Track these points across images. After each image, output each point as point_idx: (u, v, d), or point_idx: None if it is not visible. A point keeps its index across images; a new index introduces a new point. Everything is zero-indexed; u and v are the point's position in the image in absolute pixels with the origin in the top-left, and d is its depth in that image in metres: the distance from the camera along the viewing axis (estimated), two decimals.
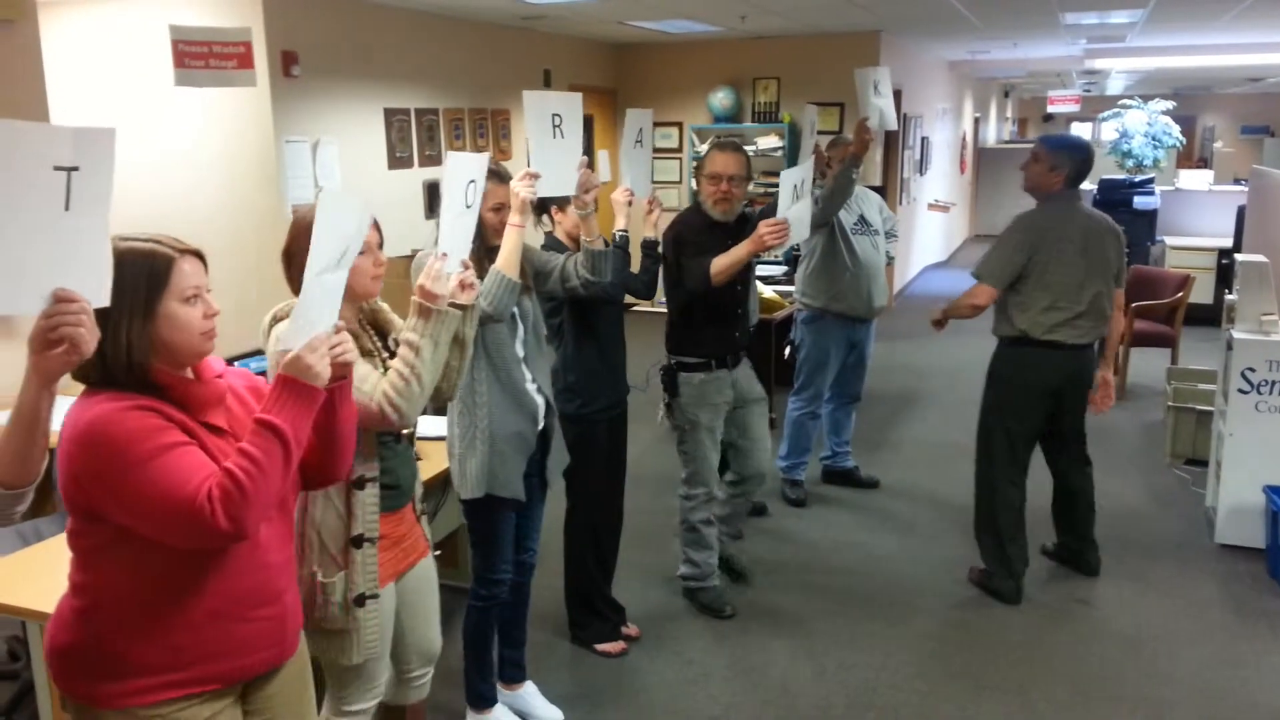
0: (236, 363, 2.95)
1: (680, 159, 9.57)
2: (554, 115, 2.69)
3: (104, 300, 1.47)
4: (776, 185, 3.59)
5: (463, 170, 2.22)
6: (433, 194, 6.76)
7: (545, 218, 3.26)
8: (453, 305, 2.22)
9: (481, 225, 2.58)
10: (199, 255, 1.71)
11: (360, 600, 2.22)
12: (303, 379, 1.66)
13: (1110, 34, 9.09)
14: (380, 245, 2.22)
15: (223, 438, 1.70)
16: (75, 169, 1.39)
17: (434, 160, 6.99)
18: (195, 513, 1.54)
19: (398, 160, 6.70)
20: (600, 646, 3.58)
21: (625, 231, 3.21)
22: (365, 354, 2.20)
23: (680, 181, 9.45)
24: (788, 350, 5.32)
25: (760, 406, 3.81)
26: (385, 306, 2.36)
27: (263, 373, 2.60)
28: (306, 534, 2.20)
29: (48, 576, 2.09)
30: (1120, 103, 12.32)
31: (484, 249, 2.67)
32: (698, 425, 3.65)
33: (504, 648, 3.18)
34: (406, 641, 2.48)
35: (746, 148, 9.18)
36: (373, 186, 6.36)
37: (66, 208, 1.39)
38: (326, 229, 1.67)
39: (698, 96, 9.37)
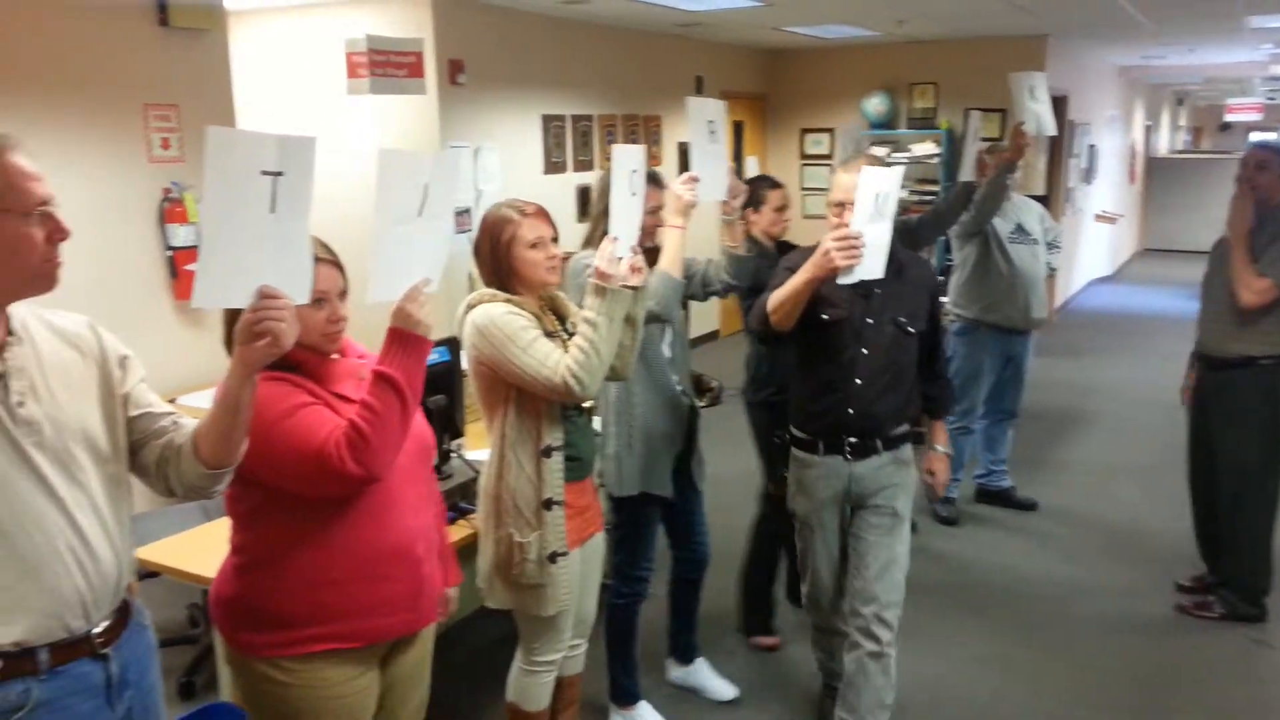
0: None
1: (831, 165, 9.42)
2: (709, 121, 2.75)
3: (304, 298, 1.56)
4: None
5: (627, 161, 2.34)
6: (584, 198, 6.87)
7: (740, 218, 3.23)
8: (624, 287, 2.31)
9: None
10: (337, 265, 1.85)
11: (553, 557, 2.39)
12: (407, 329, 1.76)
13: None
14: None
15: (350, 405, 1.81)
16: (280, 174, 1.48)
17: (587, 165, 7.11)
18: (325, 460, 1.69)
19: (553, 165, 6.85)
20: (760, 639, 3.66)
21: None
22: (548, 334, 2.34)
23: (830, 189, 9.29)
24: None
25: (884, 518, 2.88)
26: (562, 295, 2.52)
27: (445, 361, 2.73)
28: (502, 498, 2.38)
29: (223, 547, 2.24)
30: None
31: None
32: (804, 520, 2.89)
33: (677, 630, 3.33)
34: (569, 612, 2.59)
35: (900, 155, 8.92)
36: (528, 190, 6.52)
37: (272, 210, 1.49)
38: (390, 185, 1.70)
39: (850, 102, 9.21)
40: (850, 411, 2.70)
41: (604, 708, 3.15)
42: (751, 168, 3.04)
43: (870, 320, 2.70)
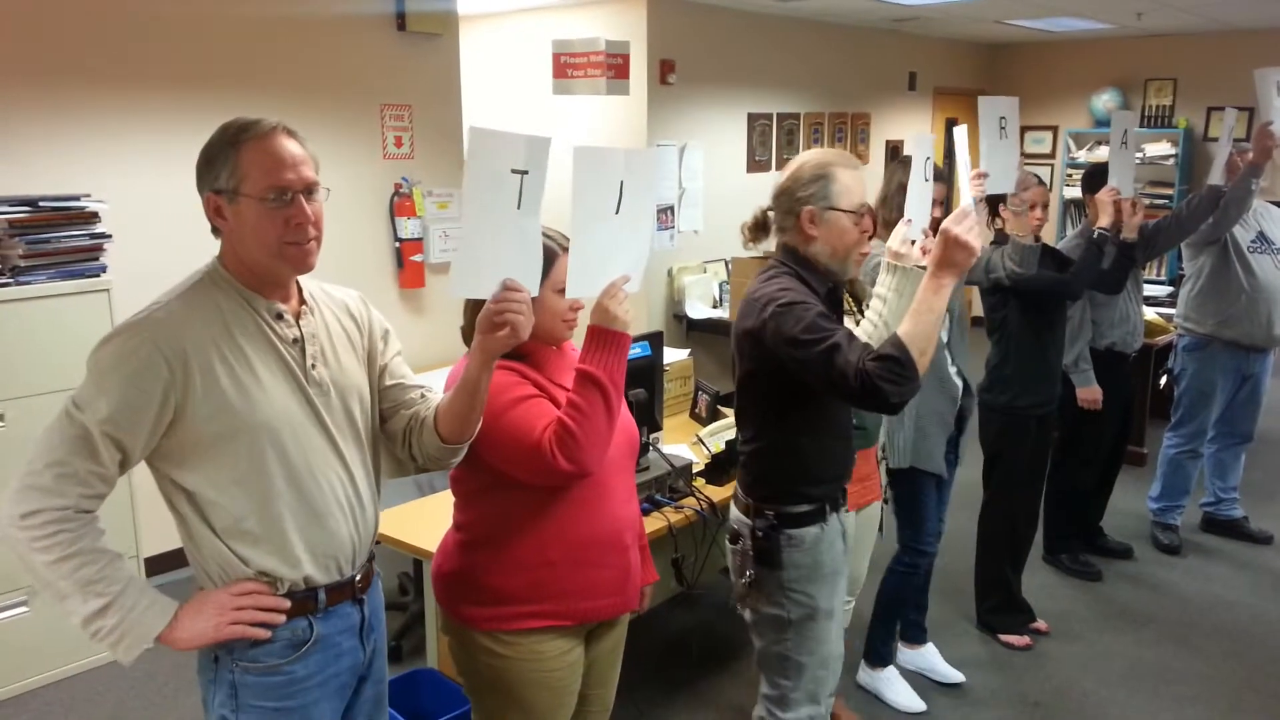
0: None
1: (1053, 165, 8.96)
2: (1001, 117, 2.90)
3: (535, 290, 1.63)
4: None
5: (923, 148, 2.41)
6: None
7: (995, 215, 3.43)
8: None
9: None
10: None
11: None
12: (607, 326, 1.80)
13: None
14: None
15: None
16: (526, 172, 1.56)
17: None
18: (539, 454, 1.77)
19: (756, 164, 6.85)
20: (1005, 637, 3.63)
21: (1106, 230, 3.40)
22: (846, 314, 2.46)
23: (1051, 189, 8.82)
24: (1164, 379, 4.83)
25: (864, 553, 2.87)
26: (861, 279, 2.66)
27: (646, 356, 2.82)
28: None
29: (436, 521, 2.39)
30: None
31: None
32: (815, 613, 2.27)
33: (908, 610, 3.38)
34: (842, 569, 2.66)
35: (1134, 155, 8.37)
36: (731, 188, 6.55)
37: (518, 206, 1.57)
38: (586, 181, 1.69)
39: (1076, 98, 8.72)
40: (852, 457, 2.41)
41: (852, 664, 3.29)
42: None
43: None
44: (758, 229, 2.28)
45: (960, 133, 2.46)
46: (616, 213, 1.75)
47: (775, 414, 2.21)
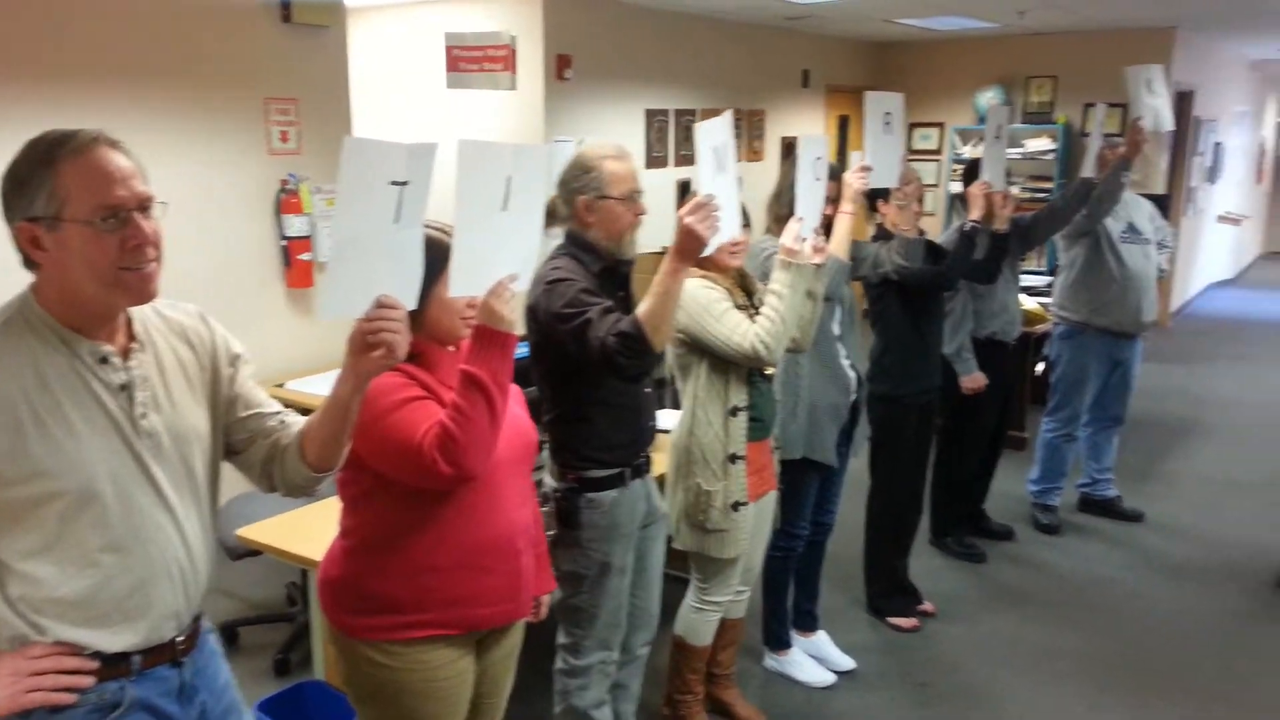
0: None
1: (939, 161, 9.23)
2: (886, 113, 3.01)
3: (414, 304, 1.54)
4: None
5: (811, 149, 2.61)
6: (684, 191, 6.89)
7: (874, 210, 3.55)
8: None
9: None
10: None
11: (735, 506, 2.68)
12: (493, 326, 1.74)
13: None
14: None
15: None
16: (406, 183, 1.48)
17: (688, 160, 7.12)
18: (420, 457, 1.73)
19: (654, 159, 6.89)
20: (894, 620, 3.74)
21: (977, 222, 3.52)
22: (739, 308, 2.61)
23: (938, 184, 9.10)
24: (1040, 367, 5.03)
25: (661, 526, 2.73)
26: (749, 272, 2.78)
27: (521, 358, 2.81)
28: (692, 451, 2.67)
29: (325, 529, 2.33)
30: None
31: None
32: (609, 569, 2.48)
33: (800, 599, 3.48)
34: (741, 558, 2.81)
35: (1013, 150, 8.71)
36: None
37: (396, 219, 1.48)
38: (470, 177, 1.65)
39: (962, 96, 8.99)
40: (649, 425, 2.56)
41: (758, 652, 3.45)
42: (855, 163, 3.11)
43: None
44: (547, 217, 2.35)
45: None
46: (504, 209, 1.70)
47: (564, 384, 2.42)
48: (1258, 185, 13.24)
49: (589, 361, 2.23)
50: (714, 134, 2.26)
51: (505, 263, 1.74)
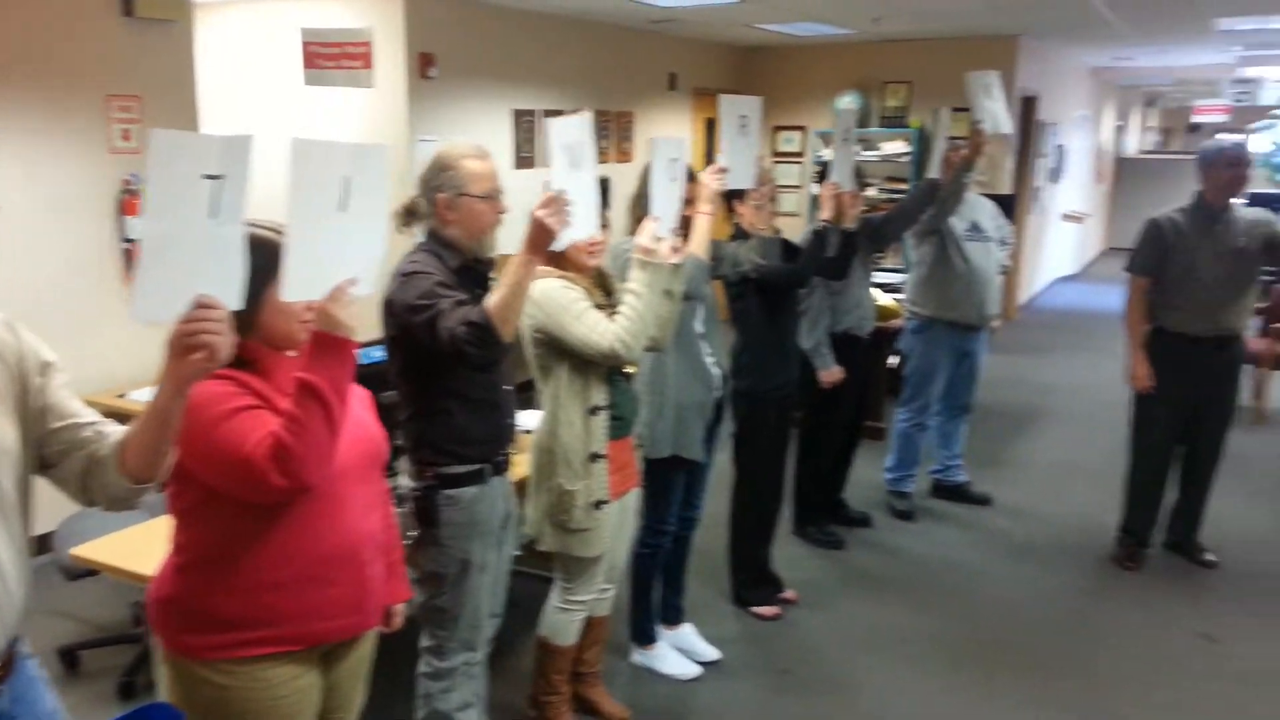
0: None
1: (803, 163, 9.49)
2: (742, 116, 3.06)
3: (237, 304, 1.48)
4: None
5: (667, 150, 2.67)
6: None
7: (731, 210, 3.61)
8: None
9: None
10: None
11: (597, 505, 2.70)
12: (330, 331, 1.70)
13: (1269, 40, 8.57)
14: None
15: None
16: (221, 177, 1.42)
17: None
18: (251, 469, 1.65)
19: (522, 160, 6.87)
20: (757, 609, 3.83)
21: (828, 221, 3.65)
22: (599, 307, 2.63)
23: (801, 186, 9.36)
24: (895, 360, 5.24)
25: (514, 528, 2.73)
26: (608, 271, 2.80)
27: (377, 362, 2.77)
28: (554, 451, 2.67)
29: (165, 546, 2.24)
30: (1272, 113, 11.60)
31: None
32: (469, 567, 2.50)
33: (667, 593, 3.52)
34: (605, 556, 2.85)
35: (870, 153, 9.02)
36: None
37: (212, 215, 1.43)
38: (304, 177, 1.61)
39: (823, 100, 9.26)
40: (509, 422, 2.60)
41: (624, 648, 3.49)
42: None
43: None
44: (408, 215, 2.45)
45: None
46: (343, 211, 1.65)
47: (420, 378, 2.42)
48: (1099, 185, 14.08)
49: (441, 352, 2.25)
50: (567, 132, 2.30)
51: (344, 266, 1.69)
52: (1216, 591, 4.10)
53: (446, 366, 2.32)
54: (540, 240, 2.18)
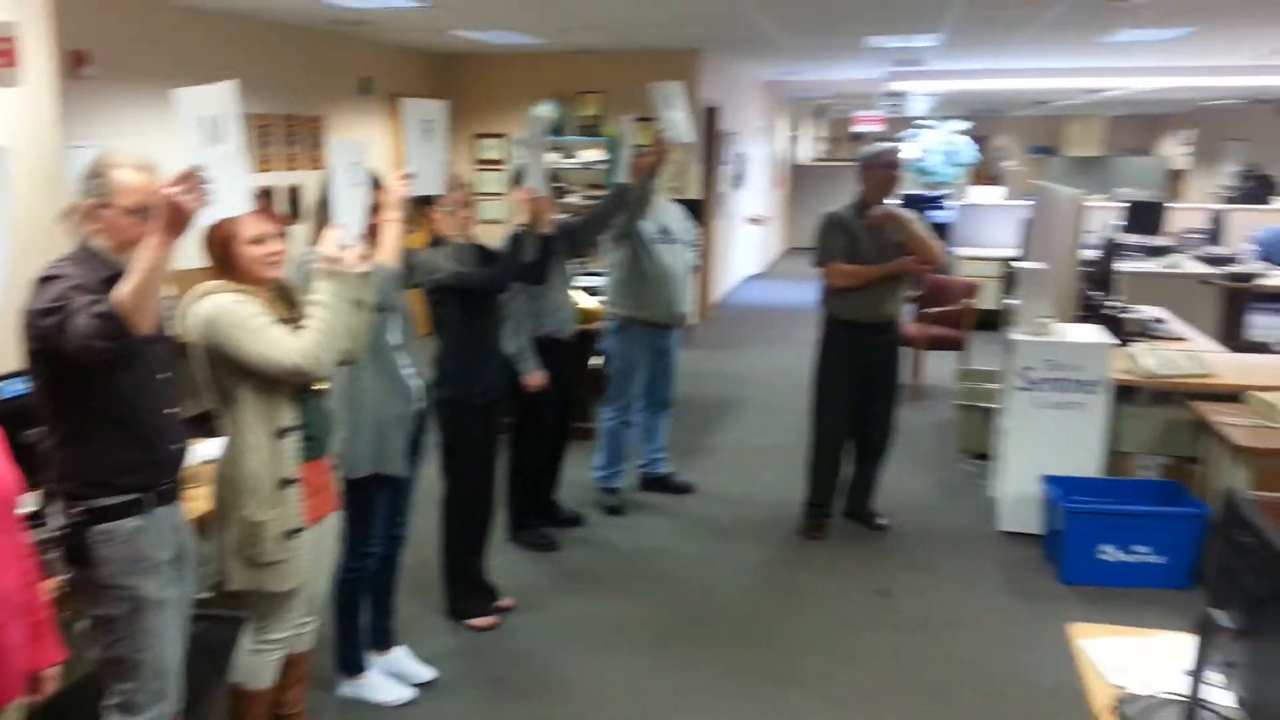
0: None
1: (504, 170, 9.54)
2: (425, 120, 3.03)
3: None
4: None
5: (345, 153, 2.61)
6: None
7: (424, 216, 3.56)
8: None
9: None
10: None
11: (291, 534, 2.53)
12: None
13: (911, 57, 9.66)
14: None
15: None
16: None
17: None
18: None
19: None
20: (473, 621, 3.80)
21: (524, 226, 3.68)
22: (284, 321, 2.49)
23: (505, 193, 9.40)
24: (599, 360, 5.41)
25: (190, 567, 2.45)
26: (291, 284, 2.64)
27: (18, 396, 2.49)
28: (238, 481, 2.49)
29: None
30: (915, 123, 13.16)
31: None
32: (142, 605, 2.25)
33: (376, 617, 3.39)
34: (303, 588, 2.68)
35: (570, 161, 9.19)
36: None
37: None
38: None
39: (524, 108, 9.34)
40: (176, 449, 2.36)
41: (332, 681, 3.31)
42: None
43: None
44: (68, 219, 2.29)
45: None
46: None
47: (66, 399, 2.18)
48: (777, 190, 15.26)
49: (72, 355, 2.04)
50: (203, 103, 2.19)
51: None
52: (889, 552, 4.58)
53: (93, 383, 2.13)
54: (175, 221, 1.98)
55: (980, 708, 3.34)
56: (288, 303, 2.64)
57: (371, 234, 2.82)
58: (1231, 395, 4.34)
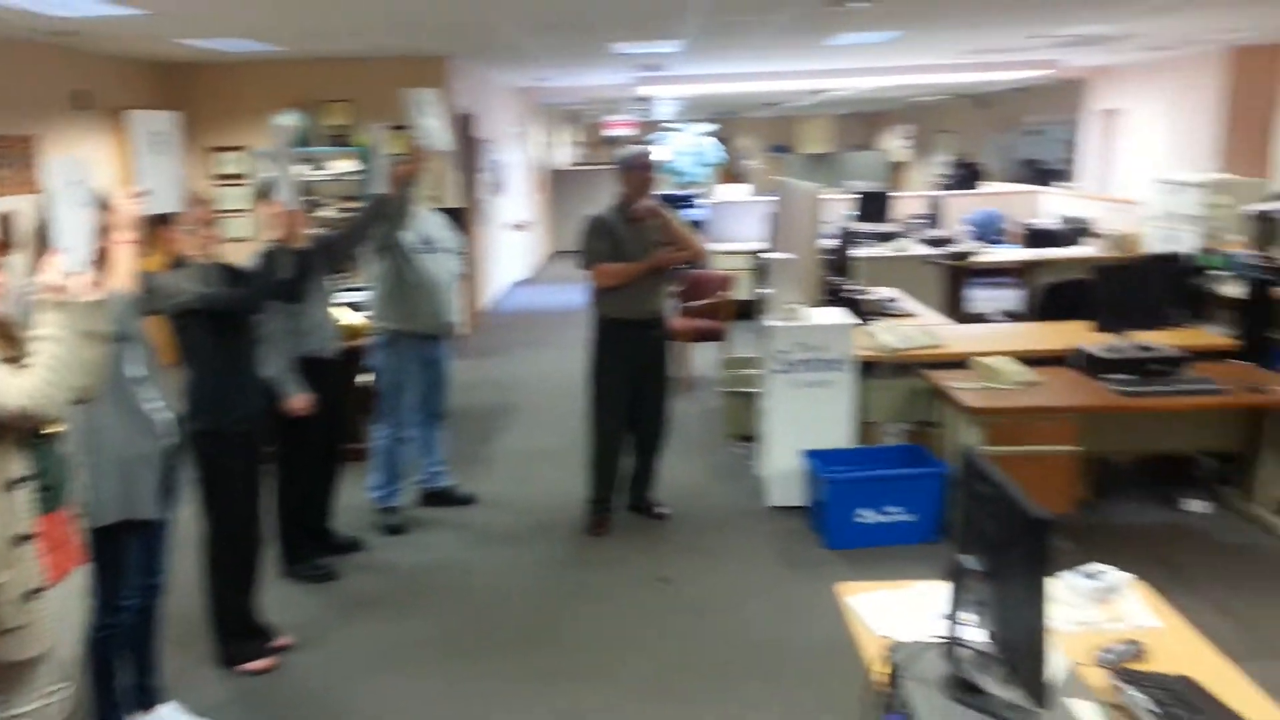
0: None
1: (247, 185, 9.06)
2: (154, 133, 2.76)
3: None
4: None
5: (64, 173, 2.44)
6: None
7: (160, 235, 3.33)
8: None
9: None
10: None
11: (32, 595, 2.26)
12: None
13: (655, 63, 10.01)
14: None
15: None
16: None
17: None
18: None
19: None
20: (247, 666, 3.59)
21: (277, 241, 3.55)
22: (5, 361, 2.23)
23: (250, 209, 8.93)
24: (368, 377, 5.27)
25: None
26: (11, 319, 2.35)
27: None
28: None
29: None
30: (662, 126, 13.66)
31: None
32: None
33: (137, 675, 3.17)
34: (50, 653, 2.36)
35: (320, 172, 8.90)
36: None
37: None
38: None
39: (264, 119, 8.91)
40: None
41: None
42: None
43: None
44: None
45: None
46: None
47: None
48: (538, 196, 15.36)
49: None
50: None
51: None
52: (669, 539, 4.74)
53: None
54: None
55: (762, 677, 3.53)
56: (7, 339, 2.39)
57: (102, 258, 2.61)
58: (959, 363, 4.82)
